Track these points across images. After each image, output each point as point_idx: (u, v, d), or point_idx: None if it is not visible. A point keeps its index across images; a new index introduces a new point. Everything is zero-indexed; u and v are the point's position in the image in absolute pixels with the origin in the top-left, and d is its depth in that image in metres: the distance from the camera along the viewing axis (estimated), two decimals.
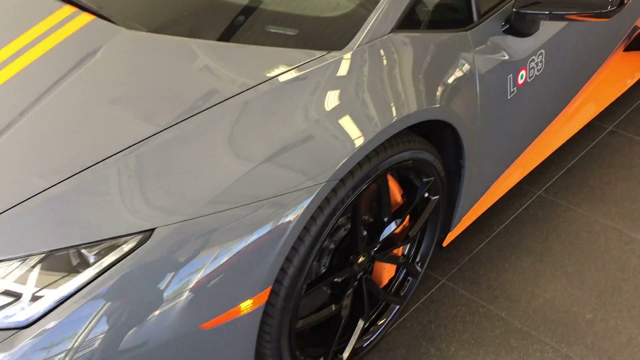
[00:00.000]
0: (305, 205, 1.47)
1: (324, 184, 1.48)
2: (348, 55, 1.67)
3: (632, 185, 2.70)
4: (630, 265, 2.36)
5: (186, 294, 1.37)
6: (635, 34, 2.90)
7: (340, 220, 1.76)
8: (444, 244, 2.21)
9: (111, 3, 1.89)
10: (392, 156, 1.68)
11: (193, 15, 1.84)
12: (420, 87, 1.74)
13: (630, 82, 3.02)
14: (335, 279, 1.80)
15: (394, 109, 1.66)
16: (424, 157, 1.81)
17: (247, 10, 1.84)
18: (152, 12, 1.87)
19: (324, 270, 1.78)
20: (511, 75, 2.03)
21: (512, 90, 2.06)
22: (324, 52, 1.66)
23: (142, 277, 1.35)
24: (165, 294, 1.36)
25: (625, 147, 2.91)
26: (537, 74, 2.15)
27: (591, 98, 2.85)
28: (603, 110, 2.97)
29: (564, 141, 2.69)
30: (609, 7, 1.83)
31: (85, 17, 1.83)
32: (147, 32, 1.76)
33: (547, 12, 1.86)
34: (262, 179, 1.46)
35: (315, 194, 1.48)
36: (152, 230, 1.36)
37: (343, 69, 1.65)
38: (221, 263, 1.40)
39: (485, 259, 2.40)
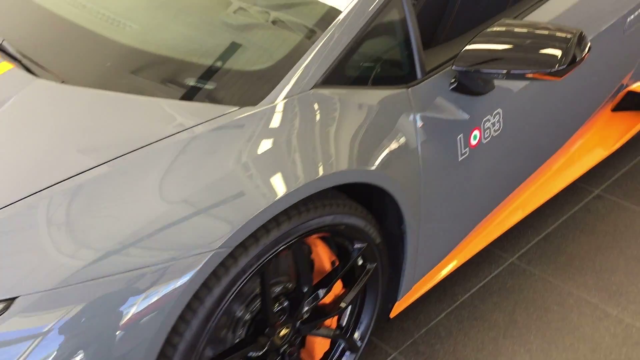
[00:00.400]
0: (193, 273, 1.33)
1: (214, 251, 1.35)
2: (260, 111, 1.56)
3: (613, 254, 2.50)
4: (602, 345, 2.15)
5: None
6: (623, 93, 2.75)
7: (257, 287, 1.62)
8: (391, 315, 2.04)
9: (34, 53, 1.82)
10: (308, 221, 1.55)
11: (113, 67, 1.76)
12: (343, 147, 1.60)
13: (618, 144, 2.85)
14: (251, 354, 1.65)
15: (315, 167, 1.54)
16: (351, 222, 1.66)
17: (168, 62, 1.75)
18: (73, 63, 1.80)
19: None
20: (461, 135, 1.89)
21: (463, 151, 1.92)
22: (235, 108, 1.55)
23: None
24: None
25: (612, 213, 2.71)
26: (495, 134, 2.00)
27: (574, 159, 2.68)
28: (590, 172, 2.80)
29: (539, 204, 2.52)
30: (557, 66, 1.69)
31: (5, 66, 1.76)
32: (62, 83, 1.69)
33: (489, 71, 1.72)
34: (148, 246, 1.33)
35: (204, 262, 1.34)
36: (14, 299, 1.24)
37: (254, 126, 1.54)
38: (88, 339, 1.27)
39: (443, 332, 2.21)
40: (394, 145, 1.71)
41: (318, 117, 1.62)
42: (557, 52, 1.70)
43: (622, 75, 2.61)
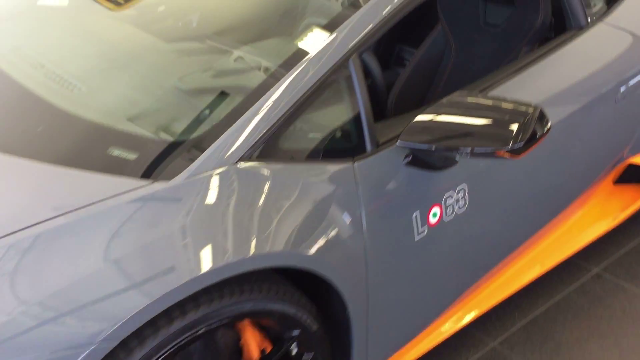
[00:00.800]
0: None
1: (94, 345, 1.22)
2: (175, 186, 1.44)
3: (606, 344, 2.27)
4: None
5: None
6: (623, 165, 2.55)
7: None
8: None
9: None
10: (222, 308, 1.40)
11: (44, 133, 1.68)
12: (272, 227, 1.47)
13: (620, 218, 2.64)
14: None
15: (246, 247, 1.41)
16: (277, 309, 1.51)
17: (102, 130, 1.66)
18: (4, 127, 1.73)
19: None
20: (417, 213, 1.74)
21: (420, 230, 1.76)
22: (148, 182, 1.44)
23: None
24: None
25: (610, 295, 2.48)
26: (459, 212, 1.84)
27: (570, 233, 2.47)
28: (590, 249, 2.59)
29: (525, 284, 2.31)
30: (512, 143, 1.53)
31: None
32: None
33: (434, 147, 1.57)
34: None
35: (84, 355, 1.21)
36: None
37: (163, 202, 1.43)
38: None
39: None
40: (334, 227, 1.57)
41: (253, 192, 1.50)
42: (513, 128, 1.55)
43: (619, 148, 2.42)
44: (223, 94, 1.69)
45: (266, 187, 1.53)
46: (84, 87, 1.88)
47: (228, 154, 1.51)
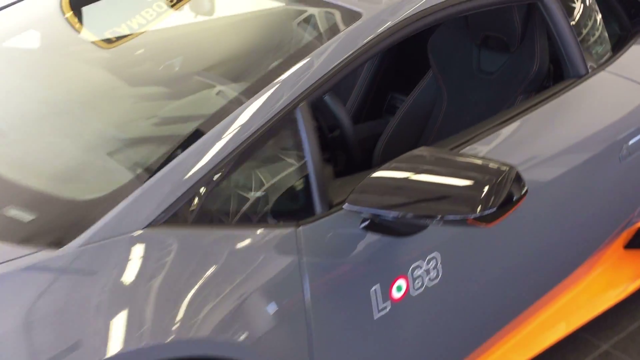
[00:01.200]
0: None
1: None
2: (71, 254, 1.23)
3: None
4: None
5: None
6: (633, 229, 2.28)
7: None
8: None
9: None
10: None
11: None
12: (194, 308, 1.25)
13: (632, 288, 2.35)
14: None
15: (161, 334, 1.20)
16: None
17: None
18: None
19: None
20: (377, 287, 1.48)
21: (381, 306, 1.51)
22: (34, 250, 1.22)
23: None
24: None
25: None
26: (430, 284, 1.58)
27: (573, 305, 2.20)
28: (599, 321, 2.30)
29: None
30: (479, 209, 1.28)
31: None
32: None
33: (392, 215, 1.33)
34: None
35: None
36: None
37: (60, 272, 1.22)
38: None
39: None
40: (271, 307, 1.34)
41: (171, 264, 1.29)
42: (483, 190, 1.31)
43: (627, 209, 2.15)
44: (148, 145, 1.48)
45: (188, 257, 1.30)
46: (11, 134, 1.69)
47: (143, 216, 1.29)
